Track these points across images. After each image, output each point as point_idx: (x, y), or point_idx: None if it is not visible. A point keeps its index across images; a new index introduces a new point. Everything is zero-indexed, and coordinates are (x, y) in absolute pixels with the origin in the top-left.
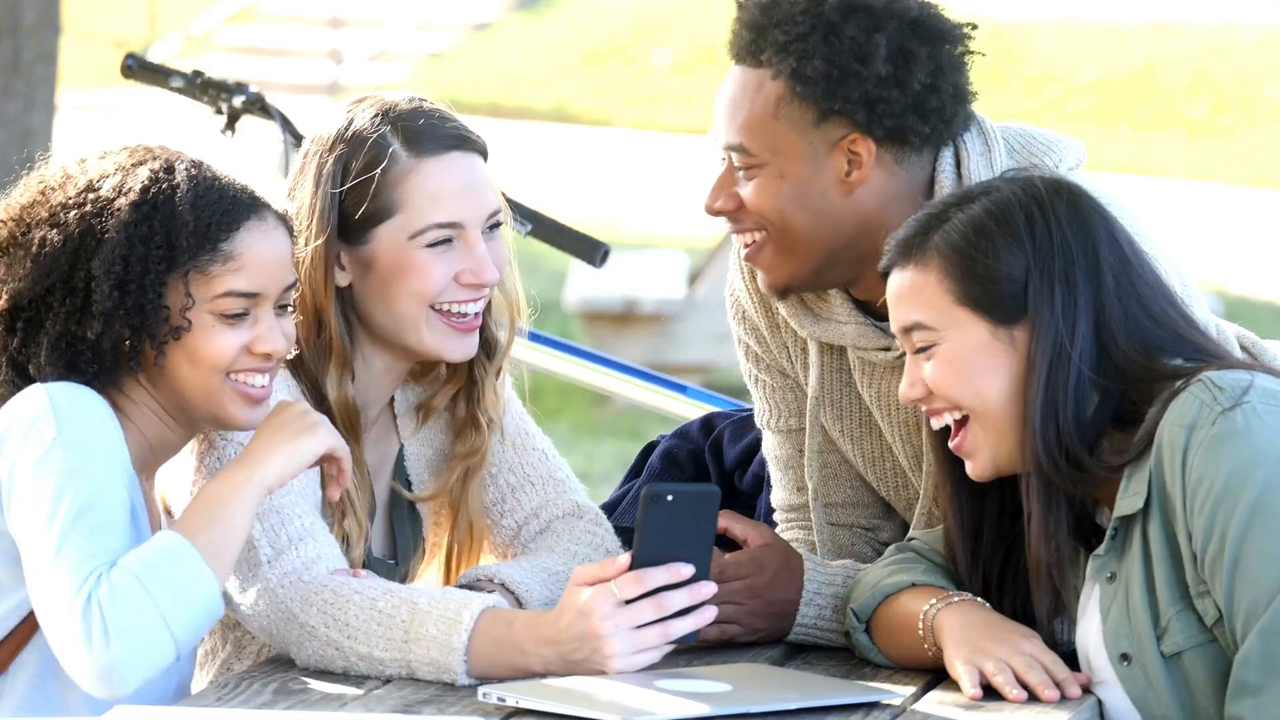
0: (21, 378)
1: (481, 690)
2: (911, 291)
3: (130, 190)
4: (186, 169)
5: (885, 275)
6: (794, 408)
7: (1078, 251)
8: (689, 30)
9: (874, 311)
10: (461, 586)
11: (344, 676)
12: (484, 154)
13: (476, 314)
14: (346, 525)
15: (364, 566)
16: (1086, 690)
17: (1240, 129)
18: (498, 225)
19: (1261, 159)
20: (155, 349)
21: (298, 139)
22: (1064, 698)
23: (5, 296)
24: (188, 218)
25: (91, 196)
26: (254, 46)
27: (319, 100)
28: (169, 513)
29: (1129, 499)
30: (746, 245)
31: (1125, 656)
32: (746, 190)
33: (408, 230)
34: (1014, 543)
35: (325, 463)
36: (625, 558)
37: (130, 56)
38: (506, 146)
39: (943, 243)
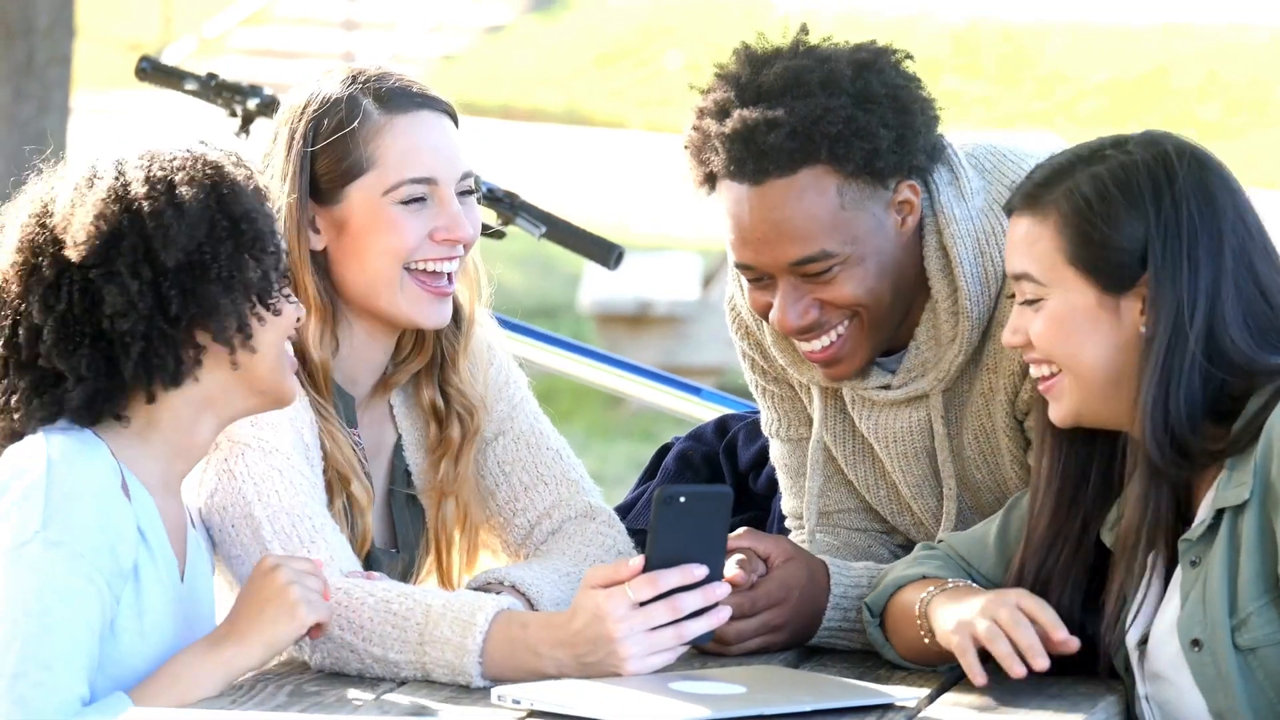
0: (98, 340)
1: (496, 692)
2: (1026, 242)
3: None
4: (169, 188)
5: (1009, 213)
6: (801, 416)
7: (1202, 229)
8: (701, 32)
9: None
10: (473, 589)
11: (358, 679)
12: (454, 119)
13: (450, 276)
14: (354, 489)
15: (367, 557)
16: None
17: (1252, 130)
18: (472, 192)
19: (1273, 160)
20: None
21: None
22: (1055, 658)
23: (27, 352)
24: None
25: (108, 220)
26: (268, 49)
27: None
28: (193, 518)
29: (1233, 490)
30: (826, 348)
31: (1197, 642)
32: (830, 290)
33: (381, 186)
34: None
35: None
36: (638, 560)
37: (144, 59)
38: (519, 148)
39: (1064, 200)
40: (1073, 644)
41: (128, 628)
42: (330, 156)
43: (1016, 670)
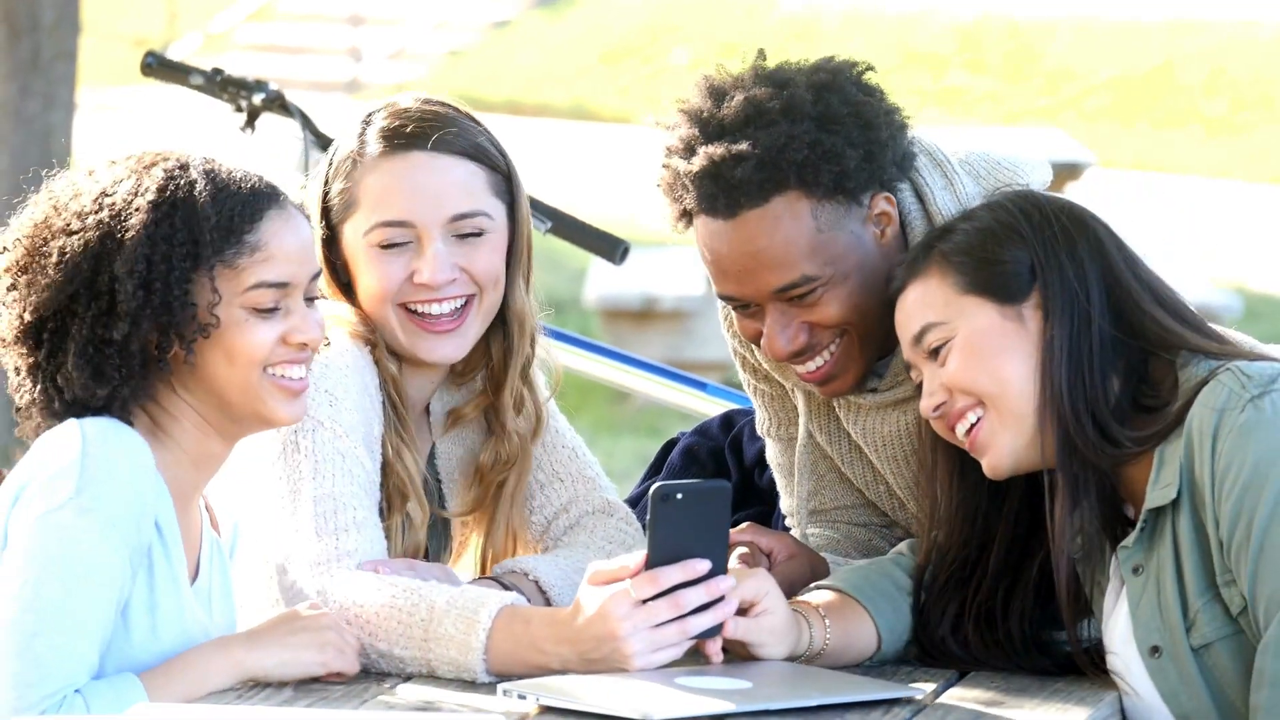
0: (53, 389)
1: (502, 687)
2: (915, 301)
3: (147, 190)
4: (201, 165)
5: (893, 303)
6: (791, 415)
7: (1078, 235)
8: (707, 29)
9: None
10: (493, 578)
11: (365, 673)
12: (476, 159)
13: (450, 315)
14: (409, 508)
15: (424, 551)
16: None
17: (1258, 126)
18: (479, 233)
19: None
20: (185, 348)
21: (318, 137)
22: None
23: (30, 310)
24: (209, 211)
25: (107, 201)
26: (273, 44)
27: (338, 98)
28: (216, 528)
29: (1160, 490)
30: (820, 368)
31: (1156, 649)
32: (817, 312)
33: (361, 228)
34: (1023, 553)
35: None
36: (639, 555)
37: (150, 54)
38: (525, 144)
39: (945, 248)
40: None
41: (139, 622)
42: (337, 193)
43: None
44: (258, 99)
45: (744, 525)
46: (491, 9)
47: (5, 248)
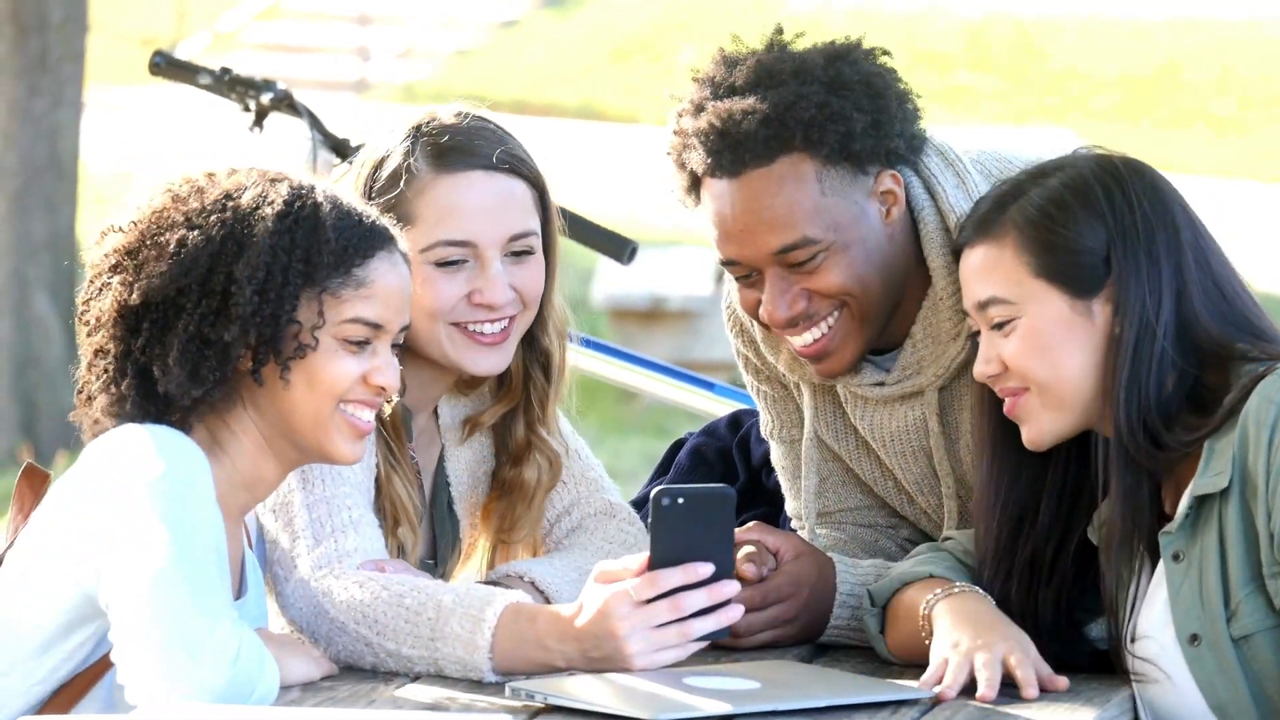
0: (140, 378)
1: (509, 686)
2: (987, 267)
3: (274, 201)
4: (325, 191)
5: (958, 253)
6: (795, 417)
7: (1158, 226)
8: (715, 27)
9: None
10: (491, 582)
11: (372, 673)
12: (524, 177)
13: (502, 331)
14: (400, 533)
15: (433, 551)
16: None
17: (1266, 125)
18: (530, 251)
19: None
20: (281, 364)
21: (325, 136)
22: (1044, 690)
23: (137, 293)
24: (329, 235)
25: (232, 204)
26: (281, 44)
27: (346, 97)
28: (250, 543)
29: (1211, 478)
30: (816, 340)
31: (1195, 638)
32: (817, 280)
33: (418, 245)
34: (1066, 530)
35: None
36: (645, 556)
37: (158, 54)
38: (533, 144)
39: (1019, 216)
40: (1059, 684)
41: None
42: (382, 210)
43: (990, 695)
44: (265, 98)
45: (750, 524)
46: (499, 8)
47: (120, 229)
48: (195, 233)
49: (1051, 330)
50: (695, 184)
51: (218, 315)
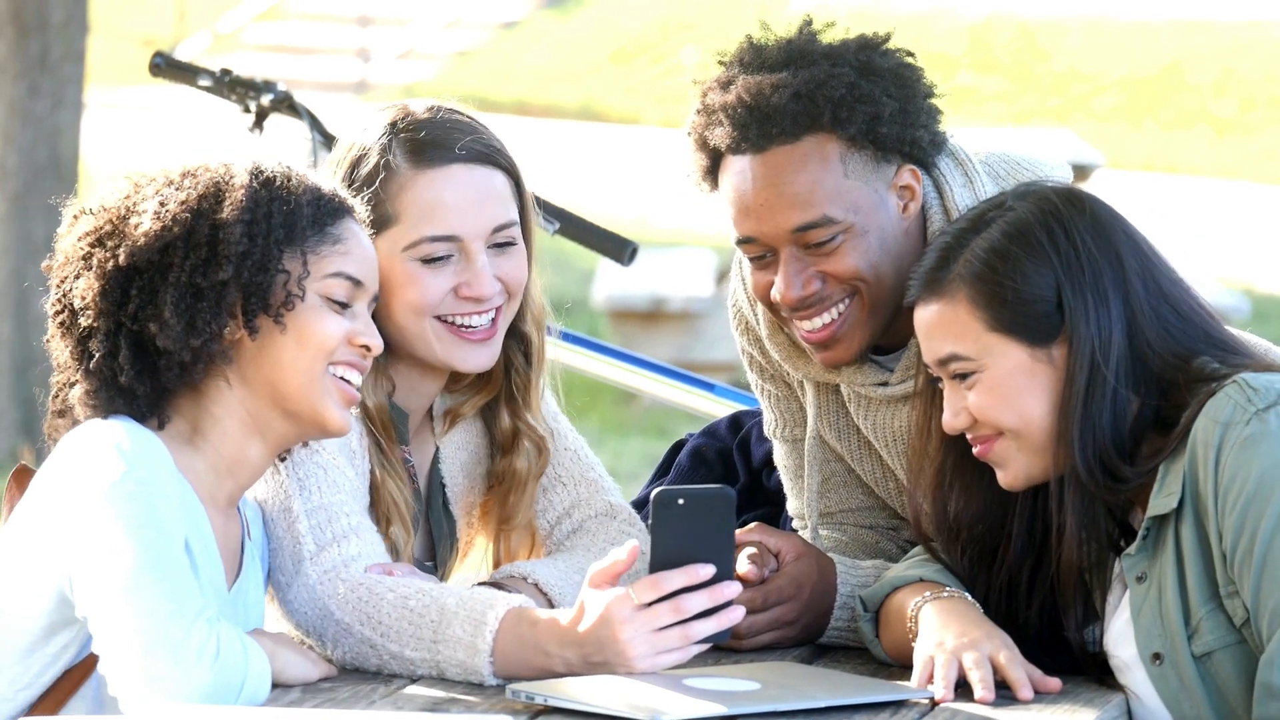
0: (134, 349)
1: (510, 688)
2: (942, 325)
3: (240, 172)
4: (285, 168)
5: (910, 309)
6: (798, 416)
7: (1103, 261)
8: (717, 28)
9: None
10: (494, 583)
11: (374, 675)
12: (502, 167)
13: (488, 325)
14: (393, 533)
15: (432, 554)
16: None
17: (1268, 127)
18: (513, 242)
19: None
20: (273, 315)
21: (326, 137)
22: (1037, 692)
23: (123, 256)
24: (301, 200)
25: (203, 173)
26: (282, 45)
27: (347, 98)
28: (249, 532)
29: (1163, 499)
30: (825, 325)
31: (1157, 656)
32: (832, 262)
33: (402, 242)
34: (1040, 555)
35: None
36: (630, 546)
37: (158, 55)
38: (534, 145)
39: (966, 271)
40: (1051, 685)
41: None
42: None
43: (988, 696)
44: (266, 99)
45: (752, 525)
46: (500, 9)
47: (91, 211)
48: (175, 191)
49: (1014, 380)
50: (715, 164)
51: (207, 264)
